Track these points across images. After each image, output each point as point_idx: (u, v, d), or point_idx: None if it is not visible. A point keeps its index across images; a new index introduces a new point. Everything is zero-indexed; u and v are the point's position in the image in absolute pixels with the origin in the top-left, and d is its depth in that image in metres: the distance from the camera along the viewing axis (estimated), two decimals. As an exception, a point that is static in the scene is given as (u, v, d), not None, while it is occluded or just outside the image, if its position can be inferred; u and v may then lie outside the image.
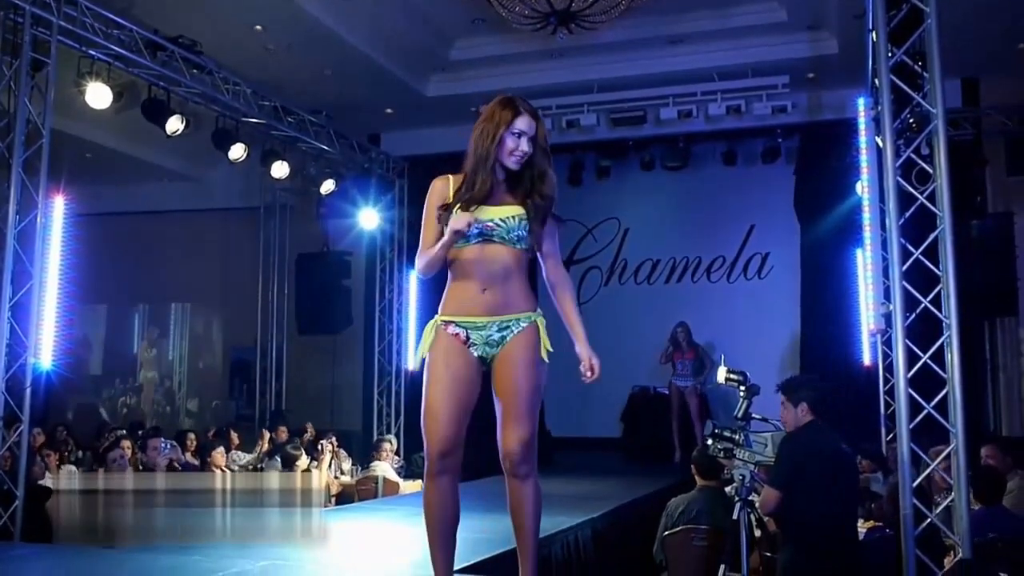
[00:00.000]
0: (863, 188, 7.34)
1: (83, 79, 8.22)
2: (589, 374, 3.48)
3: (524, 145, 3.38)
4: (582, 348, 3.48)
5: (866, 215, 7.02)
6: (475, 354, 3.39)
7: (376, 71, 10.36)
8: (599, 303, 12.79)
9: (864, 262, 8.28)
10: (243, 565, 4.66)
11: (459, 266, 3.41)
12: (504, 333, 3.39)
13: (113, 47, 7.88)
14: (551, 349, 3.39)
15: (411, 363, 12.09)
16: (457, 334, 3.38)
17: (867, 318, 8.23)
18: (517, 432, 3.37)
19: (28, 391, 6.71)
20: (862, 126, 7.38)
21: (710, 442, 5.38)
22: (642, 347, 11.93)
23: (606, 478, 9.28)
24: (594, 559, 6.13)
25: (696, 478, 5.98)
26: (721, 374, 5.54)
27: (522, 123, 3.40)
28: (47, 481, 7.96)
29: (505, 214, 3.35)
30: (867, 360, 9.46)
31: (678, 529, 5.72)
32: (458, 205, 3.33)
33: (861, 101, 7.48)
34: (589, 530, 6.26)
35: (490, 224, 3.33)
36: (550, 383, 3.49)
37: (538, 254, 3.49)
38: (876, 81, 5.72)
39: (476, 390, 3.43)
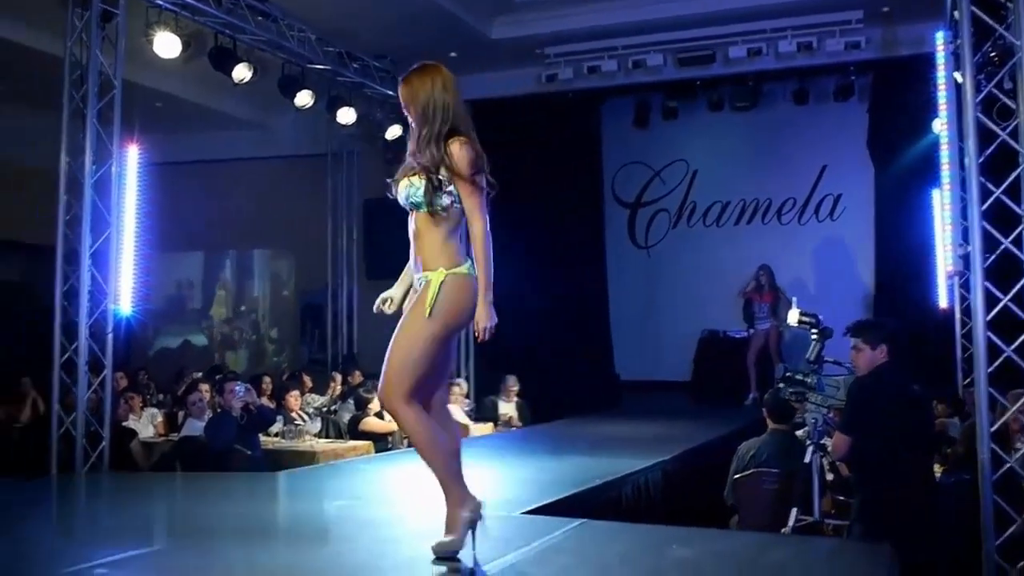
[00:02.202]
0: (941, 126, 7.12)
1: (151, 29, 8.31)
2: (475, 336, 3.56)
3: (409, 115, 3.61)
4: (478, 305, 3.55)
5: (944, 153, 6.80)
6: None
7: (440, 14, 10.27)
8: (667, 246, 12.69)
9: (941, 202, 8.05)
10: (320, 505, 4.77)
11: None
12: (418, 289, 3.56)
13: (181, -4, 7.95)
14: (434, 306, 3.46)
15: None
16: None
17: (944, 260, 8.04)
18: (381, 376, 3.48)
19: (110, 336, 6.90)
20: (940, 61, 7.13)
21: (782, 385, 5.33)
22: (712, 290, 11.84)
23: (676, 421, 9.28)
24: (664, 501, 6.15)
25: (767, 421, 5.94)
26: (793, 316, 5.47)
27: (400, 94, 3.63)
28: (130, 423, 8.25)
29: (405, 184, 3.56)
30: (944, 303, 9.27)
31: (748, 472, 5.70)
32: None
33: (940, 35, 7.23)
34: (659, 472, 6.28)
35: (396, 196, 3.62)
36: (620, 327, 3.48)
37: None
38: (955, 13, 5.51)
39: None
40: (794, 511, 5.11)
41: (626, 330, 12.51)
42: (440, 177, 3.49)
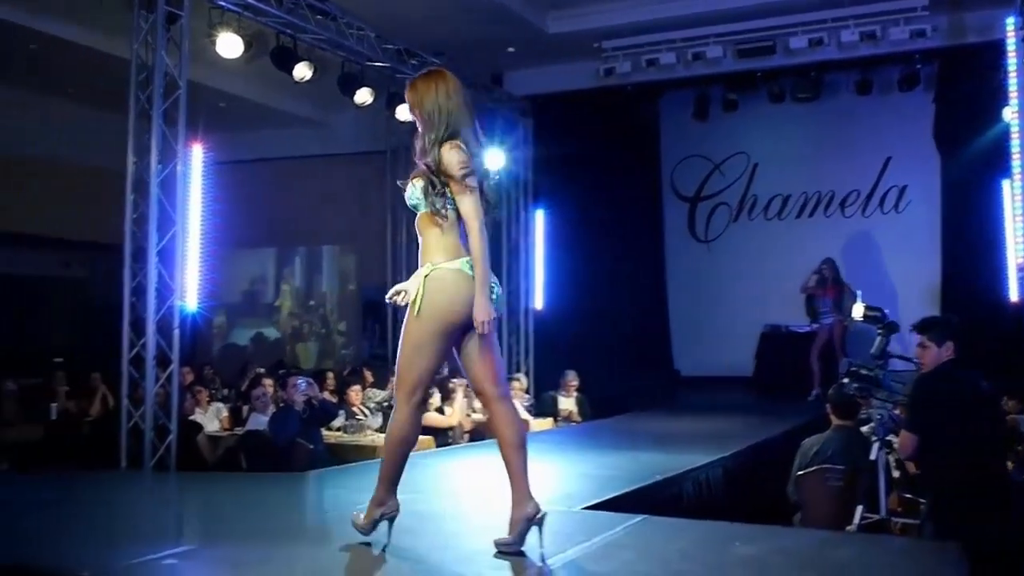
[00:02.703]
0: (1011, 114, 6.98)
1: (214, 30, 8.44)
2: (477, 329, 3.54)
3: (415, 119, 3.72)
4: (475, 299, 3.52)
5: (1015, 142, 6.67)
6: None
7: (496, 9, 10.29)
8: (727, 240, 12.59)
9: (1012, 193, 7.88)
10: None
11: None
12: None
13: (242, -3, 8.04)
14: (420, 304, 3.51)
15: (538, 302, 12.18)
16: None
17: (1015, 252, 7.85)
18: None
19: (176, 332, 7.04)
20: (1011, 47, 6.99)
21: (846, 381, 5.24)
22: (773, 285, 11.72)
23: (737, 417, 9.20)
24: (725, 497, 6.10)
25: (831, 417, 5.85)
26: (858, 311, 5.38)
27: (407, 98, 3.75)
28: (197, 416, 8.41)
29: (409, 186, 3.68)
30: (1014, 296, 9.04)
31: (812, 468, 5.62)
32: None
33: (1010, 20, 7.08)
34: (720, 469, 6.23)
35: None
36: (679, 322, 3.46)
37: None
38: (1027, -2, 5.37)
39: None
40: (859, 508, 5.03)
41: (685, 325, 12.44)
42: (437, 179, 3.58)
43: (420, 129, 3.69)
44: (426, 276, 3.53)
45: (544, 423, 9.40)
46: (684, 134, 12.59)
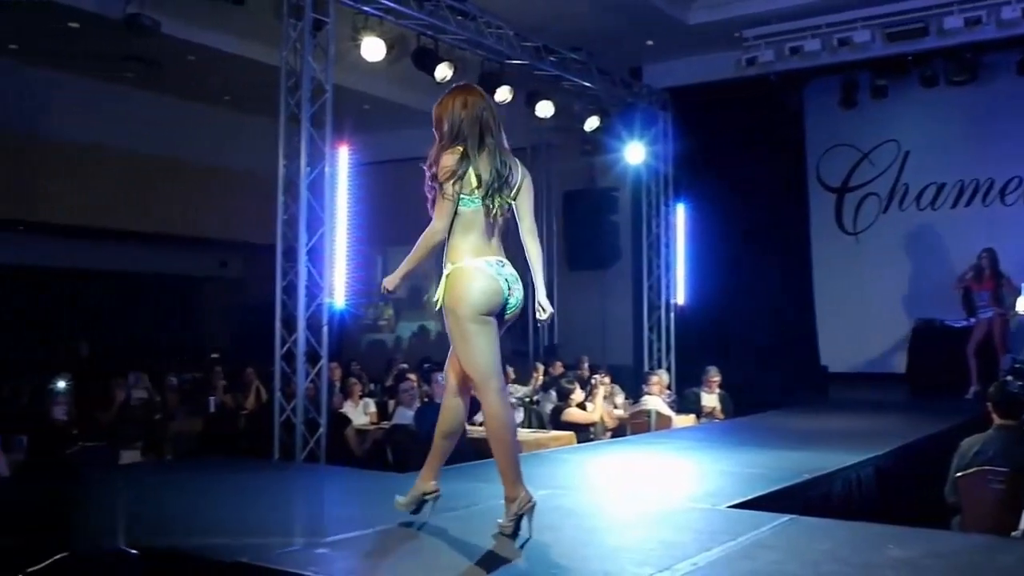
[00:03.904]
0: None
1: (358, 34, 8.69)
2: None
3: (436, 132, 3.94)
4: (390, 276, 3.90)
5: None
6: None
7: (635, 2, 10.23)
8: (877, 232, 12.16)
9: None
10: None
11: None
12: None
13: (384, 1, 8.22)
14: (435, 299, 3.81)
15: (680, 297, 12.04)
16: None
17: None
18: None
19: (325, 329, 7.28)
20: None
21: (1010, 378, 4.99)
22: (926, 277, 11.27)
23: (889, 414, 8.87)
24: (878, 498, 5.89)
25: (992, 416, 5.56)
26: (1022, 304, 5.10)
27: (433, 113, 3.99)
28: (345, 409, 8.67)
29: None
30: None
31: (972, 470, 5.37)
32: None
33: None
34: (872, 468, 6.02)
35: None
36: (826, 316, 3.36)
37: None
38: None
39: None
40: (1025, 513, 4.77)
41: (833, 320, 12.08)
42: (438, 185, 3.80)
43: (435, 140, 3.93)
44: (447, 275, 3.76)
45: (687, 420, 9.29)
46: (830, 123, 12.21)
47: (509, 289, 3.80)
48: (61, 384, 8.31)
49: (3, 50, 10.99)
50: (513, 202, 3.91)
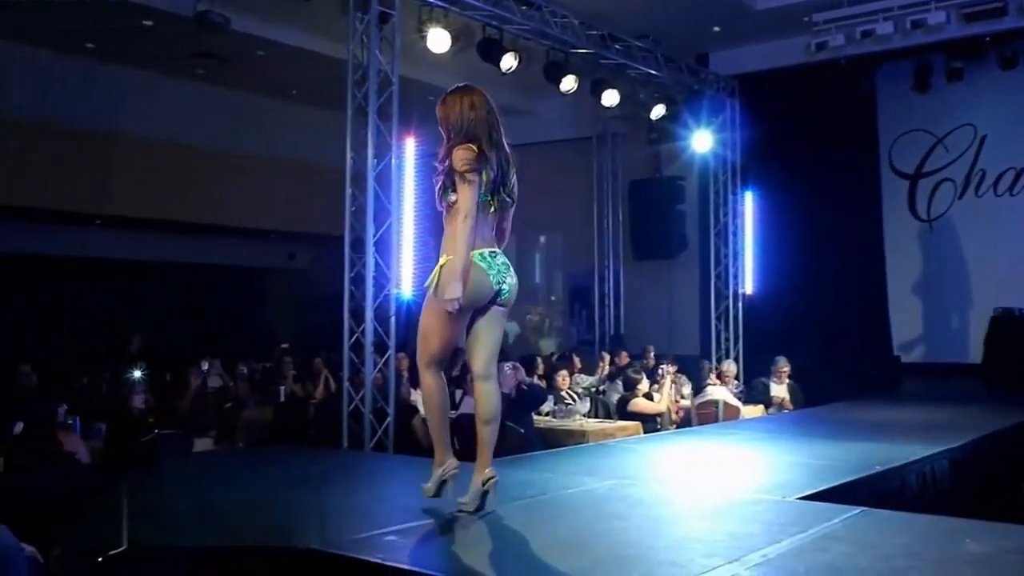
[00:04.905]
0: None
1: (423, 26, 8.73)
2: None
3: (441, 129, 4.15)
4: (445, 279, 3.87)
5: None
6: None
7: (702, -12, 10.12)
8: (953, 218, 11.86)
9: None
10: (590, 484, 4.85)
11: None
12: None
13: (450, -7, 8.26)
14: (428, 283, 3.97)
15: (748, 286, 11.90)
16: None
17: None
18: None
19: (392, 319, 7.35)
20: None
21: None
22: (1005, 265, 10.99)
23: (965, 407, 8.65)
24: (952, 491, 5.76)
25: (1073, 408, 5.41)
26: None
27: (437, 111, 4.19)
28: (414, 397, 8.74)
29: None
30: None
31: (1051, 463, 5.23)
32: None
33: None
34: (946, 461, 5.88)
35: None
36: (899, 305, 3.29)
37: None
38: None
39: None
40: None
41: (906, 309, 11.84)
42: (449, 179, 3.97)
43: (443, 137, 4.08)
44: (441, 265, 3.87)
45: (755, 410, 9.20)
46: (903, 108, 11.95)
47: (501, 278, 3.95)
48: (137, 374, 8.54)
49: (79, 49, 11.28)
50: (509, 198, 4.11)
